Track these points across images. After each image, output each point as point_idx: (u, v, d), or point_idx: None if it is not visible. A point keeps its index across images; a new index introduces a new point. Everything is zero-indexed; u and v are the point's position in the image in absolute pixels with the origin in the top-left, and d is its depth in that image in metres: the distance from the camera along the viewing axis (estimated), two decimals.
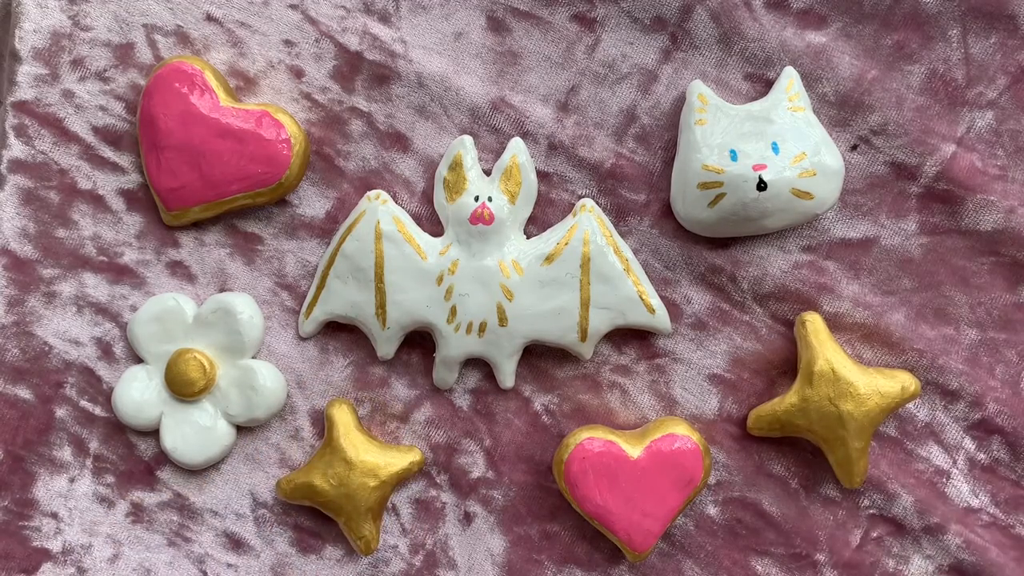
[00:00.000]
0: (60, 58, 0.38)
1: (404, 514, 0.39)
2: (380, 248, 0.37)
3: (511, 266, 0.37)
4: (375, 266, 0.37)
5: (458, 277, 0.37)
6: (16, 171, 0.38)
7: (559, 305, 0.37)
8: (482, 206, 0.37)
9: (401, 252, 0.37)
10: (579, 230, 0.37)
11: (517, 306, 0.37)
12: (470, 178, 0.37)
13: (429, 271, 0.37)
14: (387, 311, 0.37)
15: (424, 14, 0.38)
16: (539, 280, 0.37)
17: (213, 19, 0.38)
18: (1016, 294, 0.38)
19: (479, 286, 0.37)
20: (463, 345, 0.37)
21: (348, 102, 0.38)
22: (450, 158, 0.37)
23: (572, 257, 0.37)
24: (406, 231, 0.37)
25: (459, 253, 0.37)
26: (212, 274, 0.39)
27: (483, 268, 0.37)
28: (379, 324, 0.37)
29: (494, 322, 0.37)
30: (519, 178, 0.37)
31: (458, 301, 0.37)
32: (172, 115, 0.37)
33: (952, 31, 0.37)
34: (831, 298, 0.38)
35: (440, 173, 0.38)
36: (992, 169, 0.38)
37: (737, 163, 0.36)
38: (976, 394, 0.38)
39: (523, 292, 0.37)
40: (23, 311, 0.38)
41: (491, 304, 0.37)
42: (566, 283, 0.37)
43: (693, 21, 0.37)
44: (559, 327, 0.37)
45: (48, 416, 0.39)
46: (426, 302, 0.37)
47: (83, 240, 0.39)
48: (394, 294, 0.37)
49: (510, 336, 0.37)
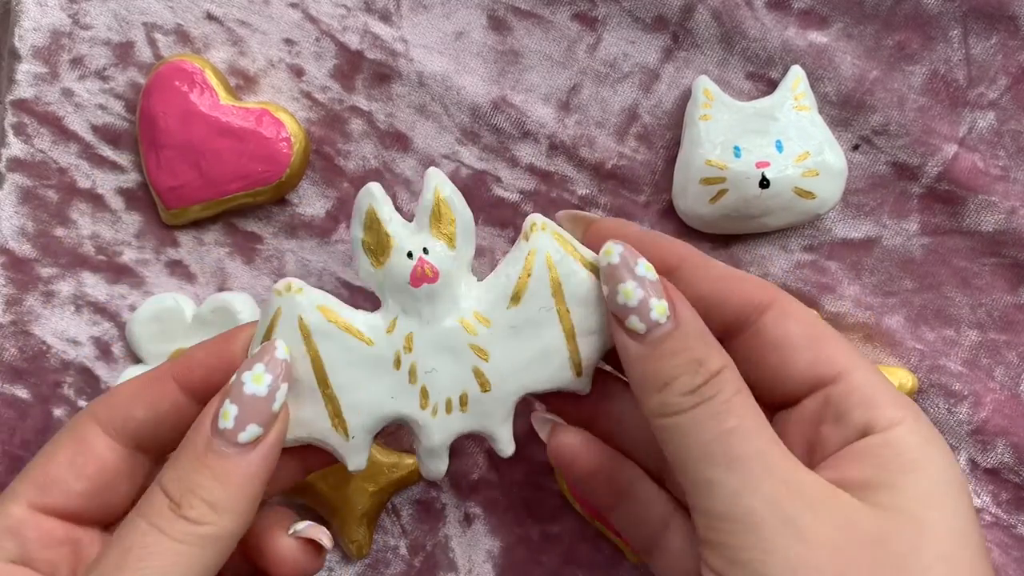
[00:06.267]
0: (60, 56, 0.38)
1: (404, 515, 0.39)
2: (314, 348, 0.30)
3: (475, 320, 0.30)
4: (314, 371, 0.30)
5: (418, 353, 0.30)
6: (15, 169, 0.38)
7: (543, 346, 0.30)
8: (420, 262, 0.30)
9: (341, 345, 0.30)
10: (539, 254, 0.30)
11: (496, 364, 0.30)
12: (393, 233, 0.30)
13: (381, 356, 0.30)
14: (345, 419, 0.30)
15: (425, 13, 0.38)
16: (511, 326, 0.30)
17: (213, 18, 0.38)
18: (1017, 295, 0.38)
19: (446, 355, 0.30)
20: (447, 428, 0.31)
21: (348, 101, 0.38)
22: (361, 216, 0.30)
23: (540, 288, 0.30)
24: (339, 319, 0.30)
25: (409, 325, 0.30)
26: (211, 273, 0.39)
27: (443, 333, 0.30)
28: (341, 436, 0.30)
29: (475, 390, 0.31)
30: (451, 215, 0.30)
31: (426, 380, 0.30)
32: (172, 114, 0.37)
33: (953, 32, 0.38)
34: (832, 298, 0.38)
35: (355, 237, 0.30)
36: (994, 170, 0.38)
37: (740, 160, 0.36)
38: (977, 395, 0.38)
39: (498, 346, 0.30)
40: (21, 310, 0.38)
41: (465, 372, 0.30)
42: (543, 320, 0.30)
43: (695, 20, 0.37)
44: (549, 370, 0.31)
45: (46, 416, 0.38)
46: (389, 393, 0.30)
47: (82, 239, 0.38)
48: (348, 396, 0.30)
49: (497, 400, 0.31)
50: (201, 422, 0.28)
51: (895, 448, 0.26)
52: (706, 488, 0.26)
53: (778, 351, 0.29)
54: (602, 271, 0.29)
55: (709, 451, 0.26)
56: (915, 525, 0.25)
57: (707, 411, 0.27)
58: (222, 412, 0.28)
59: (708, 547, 0.26)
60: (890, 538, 0.25)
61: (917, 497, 0.26)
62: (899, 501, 0.25)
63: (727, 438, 0.26)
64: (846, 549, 0.25)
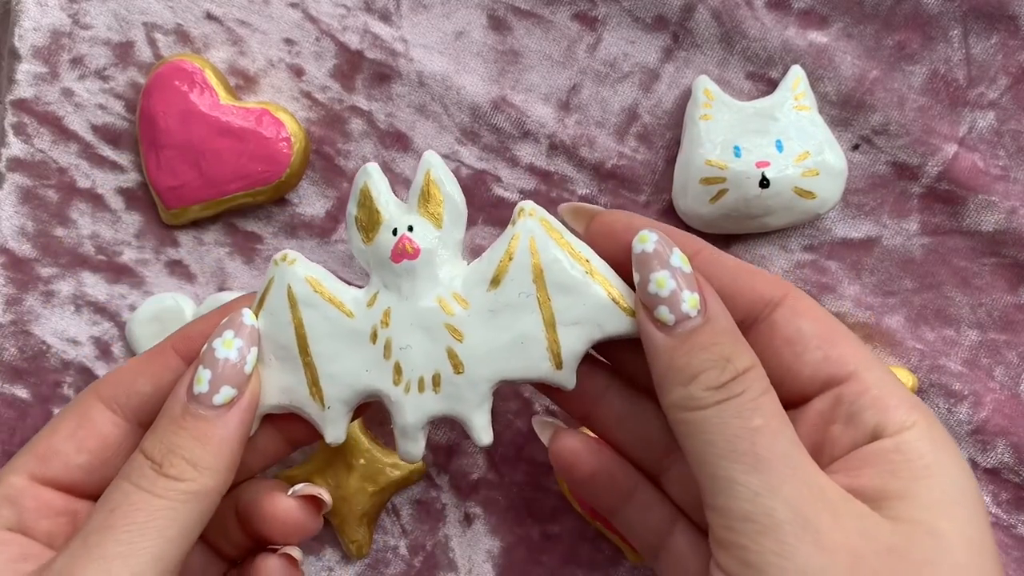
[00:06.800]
0: (60, 56, 0.38)
1: (404, 515, 0.39)
2: (298, 316, 0.31)
3: (453, 301, 0.30)
4: (296, 339, 0.31)
5: (394, 328, 0.30)
6: (15, 169, 0.38)
7: (519, 333, 0.30)
8: (402, 239, 0.30)
9: (323, 316, 0.31)
10: (522, 239, 0.30)
11: (470, 346, 0.30)
12: (383, 210, 0.31)
13: (359, 330, 0.31)
14: (322, 388, 0.31)
15: (425, 13, 0.38)
16: (489, 309, 0.30)
17: (213, 17, 0.38)
18: (1017, 295, 0.38)
19: (421, 333, 0.30)
20: (420, 407, 0.31)
21: (348, 101, 0.38)
22: (356, 193, 0.31)
23: (521, 273, 0.30)
24: (324, 290, 0.31)
25: (389, 300, 0.31)
26: (211, 273, 0.39)
27: (420, 311, 0.30)
28: (317, 405, 0.31)
29: (448, 371, 0.30)
30: (439, 196, 0.31)
31: (400, 356, 0.30)
32: (172, 113, 0.37)
33: (953, 32, 0.38)
34: (832, 298, 0.38)
35: (350, 213, 0.31)
36: (994, 169, 0.38)
37: (740, 159, 0.36)
38: (977, 395, 0.38)
39: (473, 328, 0.30)
40: (21, 310, 0.38)
41: (439, 351, 0.30)
42: (522, 305, 0.30)
43: (695, 20, 0.37)
44: (525, 359, 0.30)
45: (46, 416, 0.38)
46: (364, 366, 0.31)
47: (82, 239, 0.38)
48: (325, 366, 0.31)
49: (470, 383, 0.30)
50: (177, 390, 0.29)
51: (907, 454, 0.26)
52: (726, 486, 0.25)
53: (790, 347, 0.29)
54: (635, 258, 0.29)
55: (732, 448, 0.26)
56: (931, 536, 0.25)
57: (733, 408, 0.26)
58: (196, 378, 0.29)
59: (721, 547, 0.26)
60: (906, 549, 0.25)
61: (931, 506, 0.25)
62: (913, 512, 0.25)
63: (752, 436, 0.26)
64: (864, 558, 0.24)
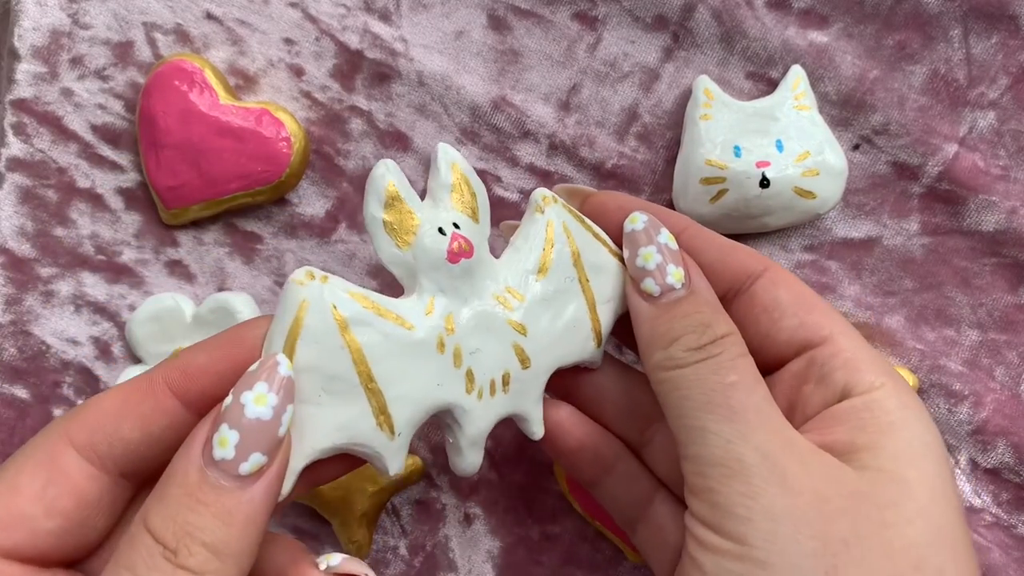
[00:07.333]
0: (59, 56, 0.38)
1: (404, 515, 0.39)
2: (352, 339, 0.26)
3: (508, 295, 0.29)
4: (355, 364, 0.26)
5: (460, 333, 0.28)
6: (14, 169, 0.38)
7: (571, 317, 0.30)
8: (456, 238, 0.28)
9: (382, 333, 0.27)
10: (556, 225, 0.30)
11: (533, 338, 0.29)
12: (417, 210, 0.28)
13: (424, 341, 0.27)
14: (391, 414, 0.27)
15: (425, 12, 0.38)
16: (543, 298, 0.30)
17: (213, 17, 0.38)
18: (1017, 295, 0.38)
19: (487, 334, 0.28)
20: (489, 412, 0.29)
21: (348, 101, 0.38)
22: (380, 194, 0.27)
23: (563, 258, 0.30)
24: (374, 304, 0.27)
25: (448, 304, 0.28)
26: (211, 273, 0.39)
27: (484, 311, 0.29)
28: (385, 435, 0.27)
29: (516, 368, 0.29)
30: (472, 189, 0.29)
31: (471, 362, 0.28)
32: (171, 113, 0.37)
33: (953, 31, 0.37)
34: (833, 298, 0.38)
35: (373, 217, 0.28)
36: (994, 169, 0.38)
37: (741, 159, 0.36)
38: (977, 395, 0.38)
39: (533, 319, 0.29)
40: (20, 310, 0.38)
41: (506, 349, 0.29)
42: (569, 289, 0.30)
43: (695, 20, 0.37)
44: (577, 341, 0.30)
45: (45, 416, 0.38)
46: (435, 380, 0.28)
47: (81, 239, 0.38)
48: (393, 389, 0.27)
49: (535, 376, 0.30)
50: (189, 450, 0.24)
51: (875, 411, 0.27)
52: (700, 435, 0.27)
53: (768, 314, 0.30)
54: (625, 236, 0.31)
55: (707, 400, 0.27)
56: (896, 482, 0.26)
57: (710, 366, 0.27)
58: (218, 439, 0.24)
59: (693, 494, 0.27)
60: (871, 492, 0.26)
61: (897, 456, 0.26)
62: (880, 461, 0.26)
63: (727, 391, 0.27)
64: (829, 500, 0.25)
